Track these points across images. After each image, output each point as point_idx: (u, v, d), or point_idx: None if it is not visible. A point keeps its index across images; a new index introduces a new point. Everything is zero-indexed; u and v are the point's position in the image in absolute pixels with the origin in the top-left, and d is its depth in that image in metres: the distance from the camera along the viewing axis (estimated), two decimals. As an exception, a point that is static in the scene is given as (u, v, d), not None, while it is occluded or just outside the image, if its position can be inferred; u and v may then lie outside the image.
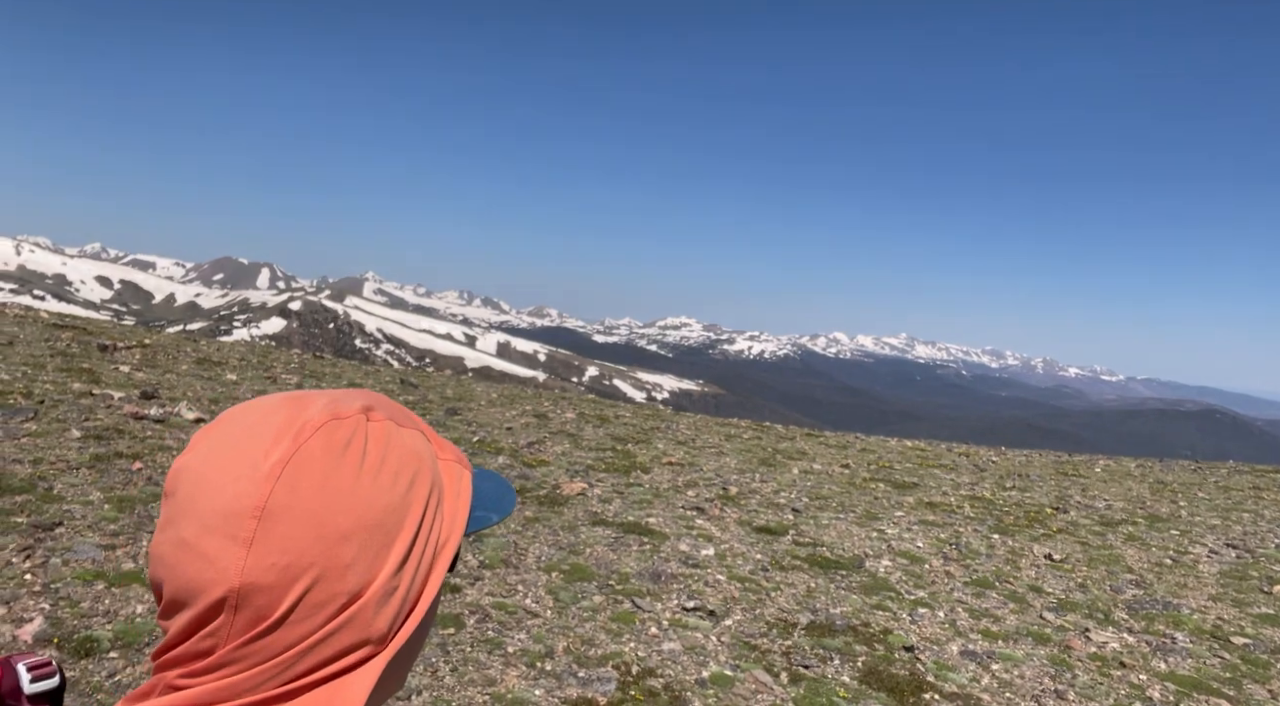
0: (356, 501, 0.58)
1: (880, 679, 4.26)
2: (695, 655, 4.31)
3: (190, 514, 0.56)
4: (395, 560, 0.60)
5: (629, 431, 11.07)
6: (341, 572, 0.57)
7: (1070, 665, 4.62)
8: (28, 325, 11.39)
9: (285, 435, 0.58)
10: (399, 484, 0.61)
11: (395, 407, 0.68)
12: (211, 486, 0.56)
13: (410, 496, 0.62)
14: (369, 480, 0.59)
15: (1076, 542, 7.28)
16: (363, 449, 0.60)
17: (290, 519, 0.56)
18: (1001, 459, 12.97)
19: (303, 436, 0.59)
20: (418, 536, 0.62)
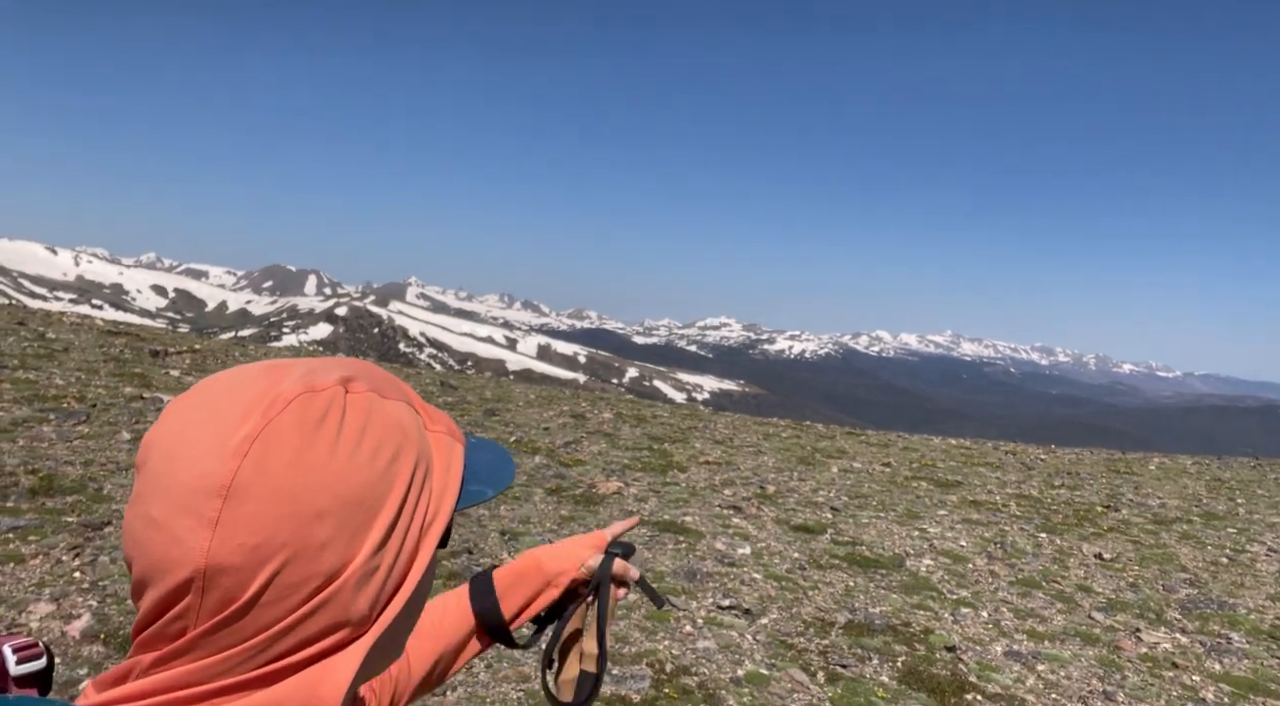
0: (332, 477, 0.55)
1: (920, 679, 4.17)
2: (730, 653, 4.27)
3: (158, 490, 0.54)
4: (375, 539, 0.57)
5: (666, 431, 11.04)
6: (316, 553, 0.54)
7: (1120, 666, 4.48)
8: (83, 332, 11.77)
9: (255, 409, 0.56)
10: (379, 458, 0.58)
11: (380, 377, 0.63)
12: (179, 462, 0.54)
13: (392, 471, 0.58)
14: (346, 455, 0.56)
15: (1128, 541, 7.06)
16: (339, 422, 0.57)
17: (259, 497, 0.54)
18: (1050, 457, 12.65)
19: (273, 411, 0.56)
20: (400, 513, 0.58)
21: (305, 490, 0.55)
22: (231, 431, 0.55)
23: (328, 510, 0.55)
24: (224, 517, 0.54)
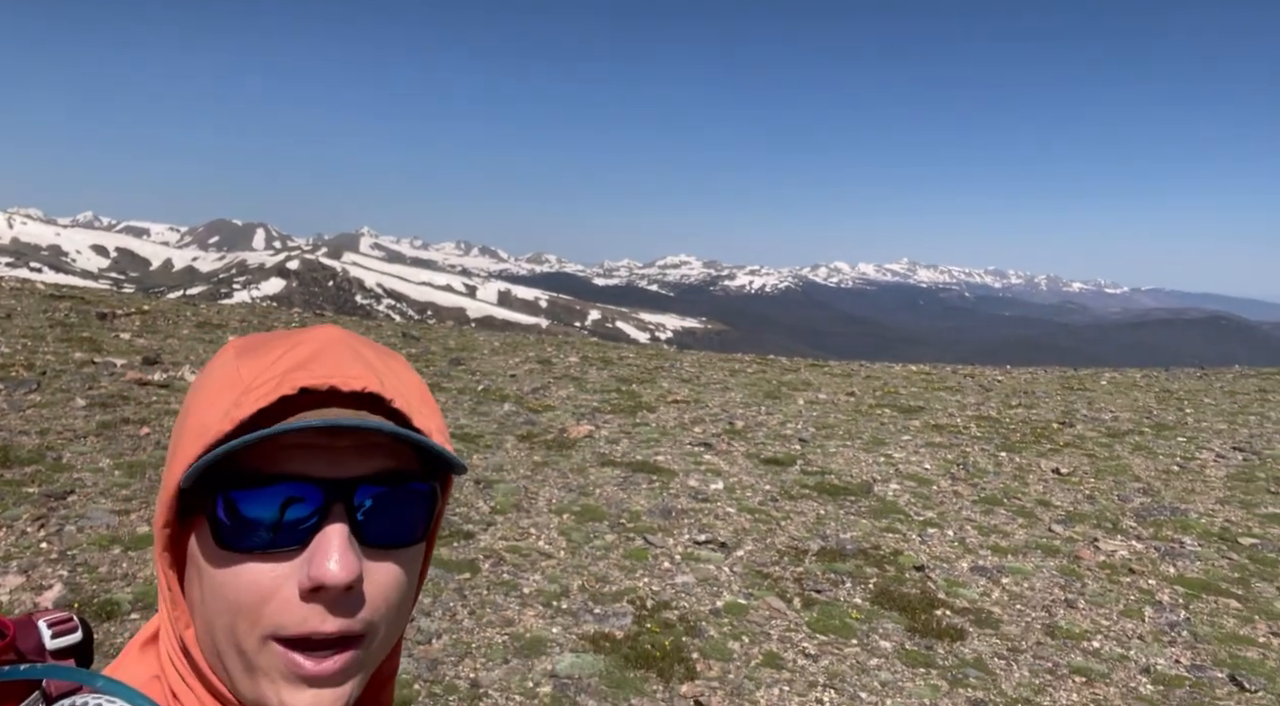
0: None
1: (892, 598, 4.32)
2: (709, 586, 4.37)
3: None
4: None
5: (633, 372, 11.08)
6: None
7: (1080, 574, 4.68)
8: (24, 297, 11.34)
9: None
10: (184, 401, 0.62)
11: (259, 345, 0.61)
12: None
13: (184, 414, 0.61)
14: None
15: (1084, 455, 7.32)
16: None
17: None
18: (1007, 377, 12.98)
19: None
20: (169, 465, 0.59)
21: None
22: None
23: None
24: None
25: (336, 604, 0.54)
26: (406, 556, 0.59)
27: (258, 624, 0.53)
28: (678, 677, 3.45)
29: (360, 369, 0.58)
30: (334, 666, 0.54)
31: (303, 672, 0.53)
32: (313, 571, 0.53)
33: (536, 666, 3.46)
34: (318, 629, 0.53)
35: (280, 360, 0.57)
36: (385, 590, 0.57)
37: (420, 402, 0.61)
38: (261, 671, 0.54)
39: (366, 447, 0.57)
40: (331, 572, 0.52)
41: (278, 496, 0.54)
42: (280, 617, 0.53)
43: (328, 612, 0.53)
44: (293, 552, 0.54)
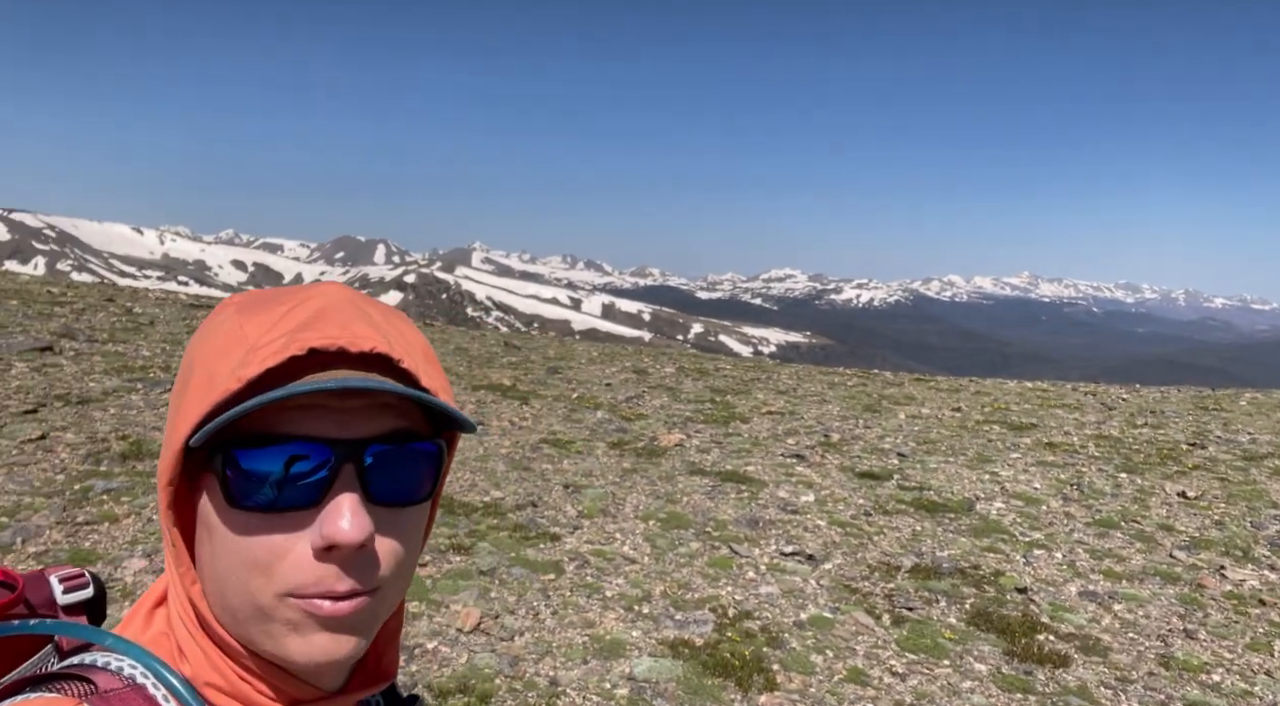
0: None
1: (990, 620, 4.11)
2: (793, 598, 4.28)
3: None
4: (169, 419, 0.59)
5: (728, 383, 11.00)
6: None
7: (1202, 604, 4.32)
8: (167, 306, 12.32)
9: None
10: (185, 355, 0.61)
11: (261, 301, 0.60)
12: None
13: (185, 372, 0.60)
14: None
15: (1215, 479, 6.76)
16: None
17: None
18: (1133, 396, 12.15)
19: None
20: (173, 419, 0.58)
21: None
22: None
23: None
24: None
25: (349, 562, 0.54)
26: (414, 514, 0.59)
27: (272, 581, 0.53)
28: (756, 688, 3.39)
29: (368, 329, 0.57)
30: (349, 608, 0.54)
31: (321, 614, 0.54)
32: (326, 531, 0.53)
33: (615, 668, 3.48)
34: (333, 588, 0.53)
35: (285, 318, 0.56)
36: (394, 547, 0.57)
37: (425, 362, 0.60)
38: (279, 623, 0.54)
39: (375, 408, 0.56)
40: (345, 532, 0.52)
41: (288, 456, 0.53)
42: (295, 576, 0.53)
43: (341, 571, 0.54)
44: (304, 512, 0.54)
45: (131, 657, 0.55)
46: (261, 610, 0.54)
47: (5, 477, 4.59)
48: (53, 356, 7.46)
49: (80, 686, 0.52)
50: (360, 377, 0.55)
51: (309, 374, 0.55)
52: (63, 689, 0.52)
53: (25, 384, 6.45)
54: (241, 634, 0.56)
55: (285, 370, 0.54)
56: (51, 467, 4.87)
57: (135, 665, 0.54)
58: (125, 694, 0.52)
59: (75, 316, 9.81)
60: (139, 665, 0.54)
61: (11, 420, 5.55)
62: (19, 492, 4.44)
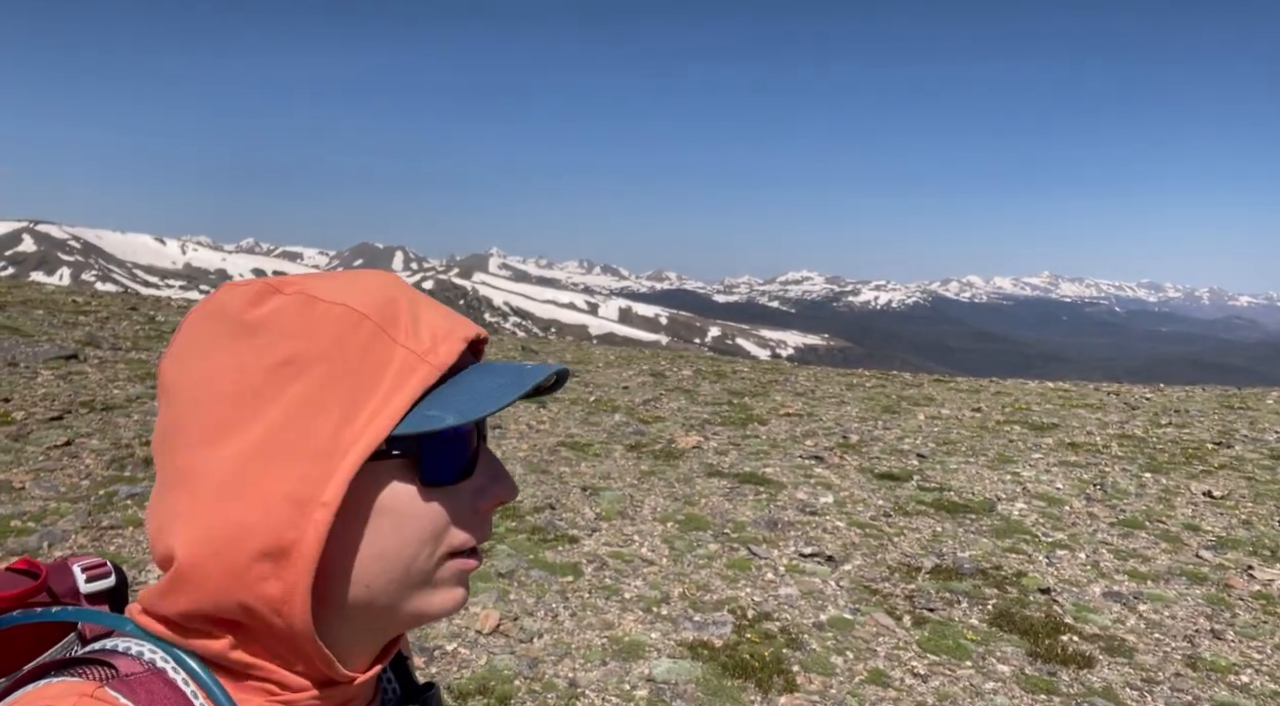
0: (214, 372, 0.54)
1: (1012, 621, 4.07)
2: (813, 599, 4.25)
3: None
4: (252, 438, 0.53)
5: (746, 386, 10.97)
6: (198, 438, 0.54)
7: (1230, 604, 4.25)
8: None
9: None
10: (261, 361, 0.54)
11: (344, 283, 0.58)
12: None
13: (275, 377, 0.54)
14: (228, 352, 0.55)
15: (1242, 478, 6.65)
16: (238, 318, 0.55)
17: (171, 387, 0.56)
18: (1158, 395, 11.99)
19: (203, 300, 0.58)
20: (284, 427, 0.53)
21: (196, 384, 0.55)
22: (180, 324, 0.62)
23: (203, 399, 0.54)
24: (160, 404, 0.58)
25: (490, 518, 0.62)
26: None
27: (440, 545, 0.57)
28: (776, 689, 3.37)
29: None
30: (478, 562, 0.61)
31: (468, 569, 0.60)
32: (500, 491, 0.60)
33: (634, 670, 3.47)
34: (482, 538, 0.60)
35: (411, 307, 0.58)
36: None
37: None
38: (437, 583, 0.58)
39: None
40: (513, 490, 0.61)
41: (465, 429, 0.59)
42: (459, 537, 0.58)
43: (485, 524, 0.61)
44: (465, 481, 0.59)
45: (151, 643, 0.55)
46: (425, 575, 0.58)
47: (33, 483, 4.67)
48: (78, 364, 7.58)
49: (101, 670, 0.53)
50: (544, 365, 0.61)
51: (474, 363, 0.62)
52: (84, 672, 0.52)
53: (52, 391, 6.55)
54: (383, 603, 0.57)
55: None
56: (77, 473, 4.94)
57: (155, 650, 0.55)
58: (145, 677, 0.53)
59: (99, 325, 9.95)
60: (159, 650, 0.55)
61: (39, 426, 5.64)
62: (45, 498, 4.51)
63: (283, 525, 0.52)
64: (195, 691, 0.53)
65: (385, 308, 0.57)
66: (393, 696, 0.68)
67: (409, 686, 0.69)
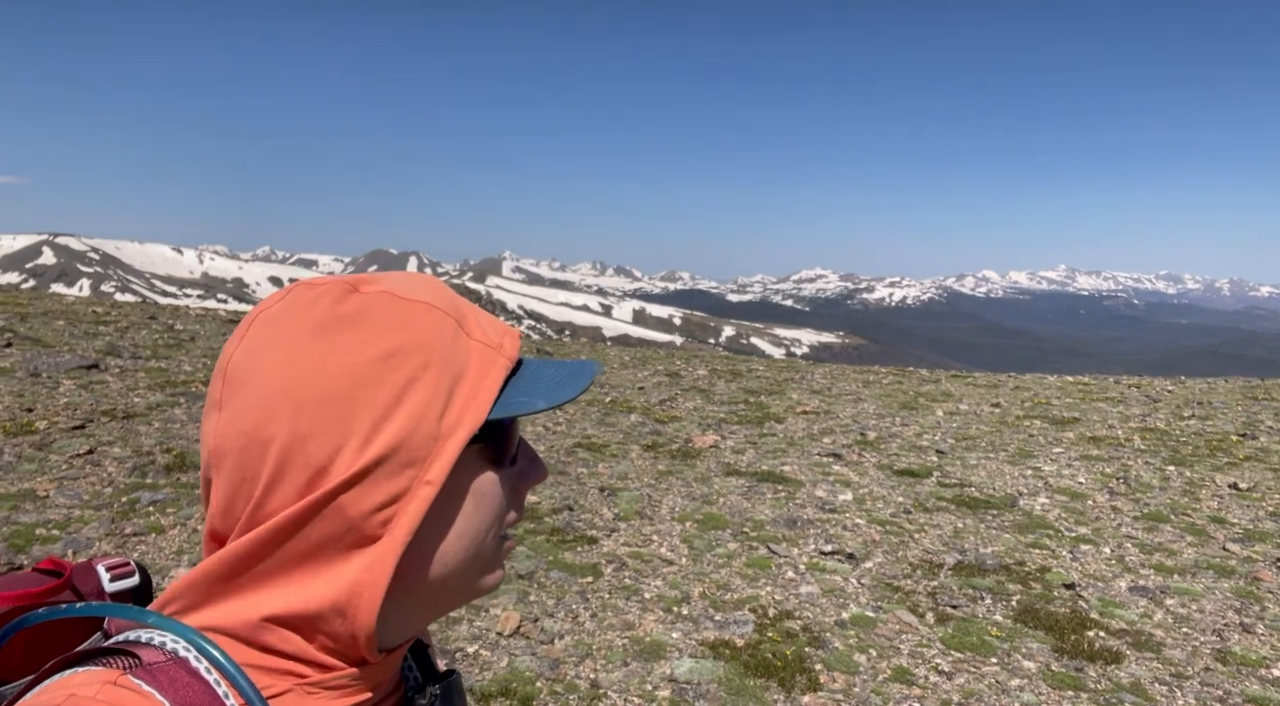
0: (311, 367, 0.55)
1: (1037, 617, 4.02)
2: (834, 597, 4.22)
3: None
4: (361, 434, 0.55)
5: (762, 384, 10.93)
6: (302, 444, 0.54)
7: (1259, 597, 4.18)
8: (207, 323, 12.57)
9: (263, 302, 0.60)
10: (366, 352, 0.55)
11: (416, 282, 0.62)
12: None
13: (383, 367, 0.55)
14: (327, 345, 0.55)
15: (1267, 469, 6.56)
16: (329, 313, 0.57)
17: (251, 382, 0.55)
18: (1179, 388, 11.85)
19: (271, 300, 0.59)
20: (395, 411, 0.55)
21: (288, 378, 0.55)
22: (244, 322, 0.59)
23: (306, 402, 0.54)
24: (224, 400, 0.56)
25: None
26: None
27: (497, 525, 0.62)
28: (799, 688, 3.35)
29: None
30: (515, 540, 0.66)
31: (512, 547, 0.65)
32: (536, 473, 0.66)
33: (655, 670, 3.46)
34: (519, 518, 0.65)
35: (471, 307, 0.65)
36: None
37: None
38: (489, 565, 0.64)
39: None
40: (545, 472, 0.67)
41: (509, 420, 0.63)
42: (512, 516, 0.64)
43: (522, 505, 0.66)
44: (515, 462, 0.65)
45: (174, 633, 0.56)
46: (486, 554, 0.63)
47: (56, 491, 4.71)
48: (99, 373, 7.65)
49: (124, 660, 0.54)
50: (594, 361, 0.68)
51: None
52: (107, 662, 0.53)
53: (73, 400, 6.62)
54: (454, 583, 0.62)
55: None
56: (100, 481, 4.98)
57: (178, 640, 0.55)
58: (168, 666, 0.54)
59: (119, 334, 10.05)
60: (181, 639, 0.55)
61: (61, 435, 5.70)
62: (69, 506, 4.55)
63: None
64: (219, 679, 0.54)
65: (455, 306, 0.62)
66: (414, 682, 0.69)
67: (429, 672, 0.70)
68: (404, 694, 0.67)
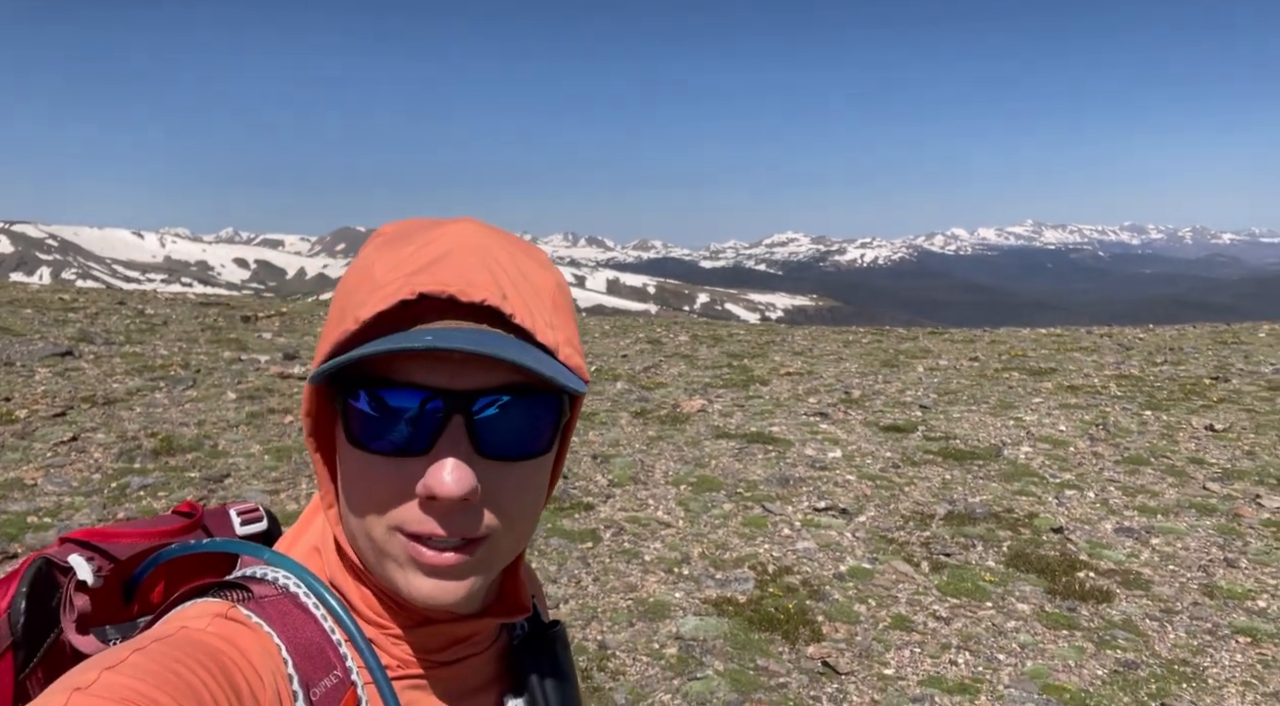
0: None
1: (1028, 561, 4.13)
2: (831, 551, 4.30)
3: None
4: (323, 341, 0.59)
5: (744, 348, 10.99)
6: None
7: (1240, 533, 4.33)
8: (178, 306, 12.35)
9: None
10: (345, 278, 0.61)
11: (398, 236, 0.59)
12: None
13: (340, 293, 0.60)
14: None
15: (1241, 410, 6.74)
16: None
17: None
18: (1150, 335, 12.10)
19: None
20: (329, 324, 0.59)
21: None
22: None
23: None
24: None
25: (450, 515, 0.54)
26: (529, 468, 0.57)
27: (383, 516, 0.55)
28: (803, 640, 3.42)
29: (485, 278, 0.55)
30: (451, 560, 0.54)
31: (422, 560, 0.54)
32: (428, 482, 0.53)
33: (661, 629, 3.51)
34: (434, 532, 0.54)
35: (409, 259, 0.56)
36: (506, 501, 0.56)
37: (552, 312, 0.58)
38: (389, 557, 0.56)
39: (489, 360, 0.54)
40: (445, 485, 0.52)
41: (399, 403, 0.53)
42: (402, 515, 0.54)
43: (441, 523, 0.54)
44: (417, 457, 0.54)
45: (285, 569, 0.60)
46: (375, 542, 0.56)
47: (44, 479, 4.64)
48: (73, 360, 7.51)
49: (237, 593, 0.57)
50: (466, 331, 0.53)
51: (425, 319, 0.54)
52: (223, 595, 0.57)
53: (51, 388, 6.50)
54: (364, 559, 0.60)
55: (398, 313, 0.54)
56: (87, 467, 4.91)
57: (289, 576, 0.60)
58: (278, 599, 0.58)
59: (90, 321, 9.85)
60: (292, 576, 0.60)
61: (42, 424, 5.60)
62: (59, 493, 4.49)
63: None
64: (324, 614, 0.58)
65: (398, 252, 0.57)
66: (519, 631, 0.70)
67: (536, 625, 0.71)
68: (508, 644, 0.69)
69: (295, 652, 0.55)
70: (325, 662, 0.56)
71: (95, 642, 0.60)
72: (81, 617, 0.61)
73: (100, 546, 0.65)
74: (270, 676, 0.52)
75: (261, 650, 0.53)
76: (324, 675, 0.56)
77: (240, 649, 0.52)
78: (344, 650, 0.57)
